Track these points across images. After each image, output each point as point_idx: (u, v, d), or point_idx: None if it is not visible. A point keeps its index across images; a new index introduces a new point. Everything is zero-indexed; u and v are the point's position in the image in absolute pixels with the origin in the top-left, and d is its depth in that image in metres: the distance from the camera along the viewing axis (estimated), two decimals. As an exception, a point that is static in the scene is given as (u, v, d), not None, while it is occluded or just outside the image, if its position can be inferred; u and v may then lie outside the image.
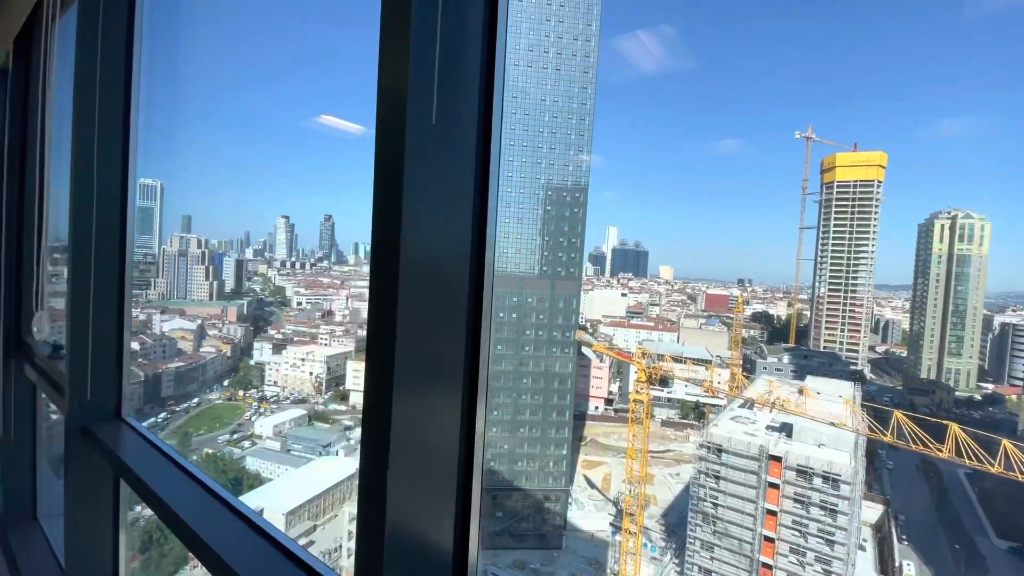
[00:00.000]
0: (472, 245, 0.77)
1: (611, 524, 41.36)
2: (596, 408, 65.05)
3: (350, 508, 40.55)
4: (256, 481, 49.71)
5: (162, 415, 48.61)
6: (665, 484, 44.36)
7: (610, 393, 66.83)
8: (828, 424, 25.85)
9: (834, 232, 78.45)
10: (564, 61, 41.65)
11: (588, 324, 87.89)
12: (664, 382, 44.93)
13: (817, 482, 23.99)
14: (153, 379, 46.47)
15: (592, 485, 48.23)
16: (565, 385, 43.02)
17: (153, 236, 62.81)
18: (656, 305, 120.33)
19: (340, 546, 39.83)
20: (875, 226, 75.61)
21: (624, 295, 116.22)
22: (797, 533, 24.71)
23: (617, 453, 55.51)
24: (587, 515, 42.88)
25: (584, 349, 64.19)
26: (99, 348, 1.69)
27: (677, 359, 45.34)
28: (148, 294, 60.37)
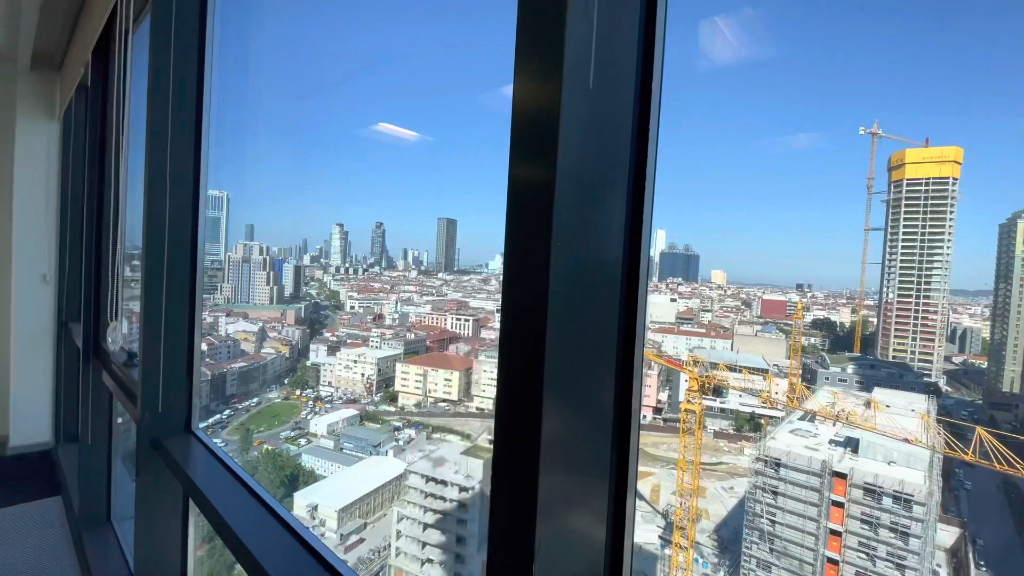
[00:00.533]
0: (625, 242, 0.66)
1: (660, 537, 40.19)
2: (644, 417, 63.49)
3: (398, 508, 41.43)
4: (311, 478, 51.75)
5: (226, 412, 51.54)
6: (718, 498, 42.69)
7: (659, 402, 65.04)
8: (902, 440, 24.07)
9: (904, 234, 73.18)
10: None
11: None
12: (718, 392, 43.16)
13: (887, 502, 22.37)
14: (219, 378, 49.42)
15: (640, 496, 47.06)
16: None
17: (220, 244, 66.99)
18: (708, 311, 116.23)
19: (388, 544, 40.70)
20: (950, 227, 69.94)
21: (673, 300, 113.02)
22: (864, 556, 23.10)
23: (666, 464, 53.89)
24: (635, 526, 41.87)
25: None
26: (171, 361, 1.73)
27: (732, 367, 43.68)
28: (215, 298, 64.36)
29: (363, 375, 76.78)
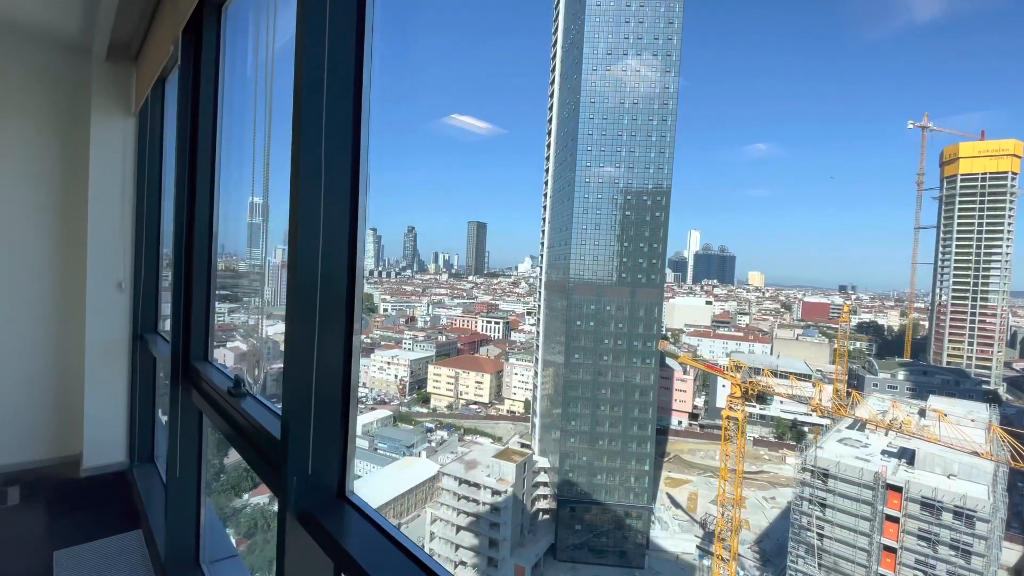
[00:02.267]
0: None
1: (698, 547, 39.02)
2: (679, 423, 62.05)
3: (431, 509, 41.63)
4: (346, 478, 52.67)
5: (266, 412, 52.88)
6: (759, 508, 41.18)
7: (695, 407, 63.44)
8: (971, 453, 22.56)
9: (958, 232, 69.22)
10: (644, 62, 40.51)
11: (669, 334, 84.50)
12: (761, 398, 41.62)
13: (947, 518, 21.01)
14: (260, 379, 50.81)
15: (676, 504, 45.80)
16: (647, 397, 41.37)
17: (260, 249, 69.30)
18: (745, 314, 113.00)
19: (423, 546, 40.91)
20: (1010, 224, 65.80)
21: (709, 303, 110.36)
22: (921, 574, 21.77)
23: (703, 471, 52.37)
24: (671, 535, 40.83)
25: (669, 360, 61.53)
26: (322, 413, 1.37)
27: (775, 373, 42.09)
28: (256, 301, 66.57)
29: (396, 376, 77.89)
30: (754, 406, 41.91)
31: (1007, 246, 65.83)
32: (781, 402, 46.98)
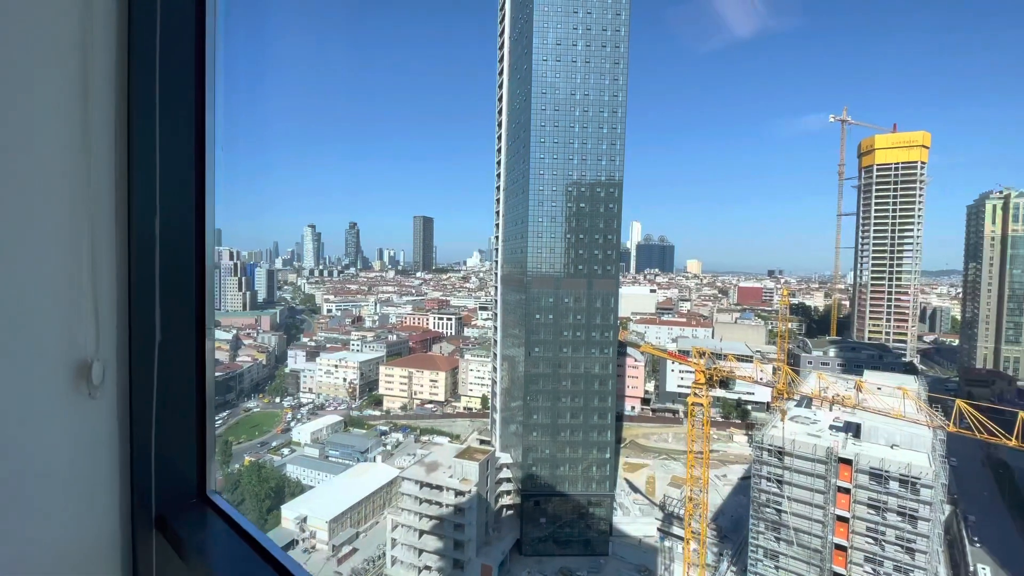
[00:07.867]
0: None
1: (659, 530, 39.99)
2: (632, 408, 63.58)
3: (392, 515, 40.18)
4: (297, 488, 49.95)
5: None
6: (712, 486, 42.79)
7: (646, 392, 65.22)
8: (938, 427, 24.02)
9: (875, 218, 75.14)
10: (593, 53, 40.52)
11: (619, 323, 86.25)
12: (724, 383, 43.16)
13: (893, 486, 22.41)
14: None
15: (635, 489, 46.84)
16: (606, 386, 41.88)
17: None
18: (686, 300, 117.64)
19: (384, 553, 39.56)
20: (920, 210, 72.06)
21: (653, 291, 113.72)
22: (872, 541, 23.16)
23: (659, 455, 53.93)
24: (633, 520, 41.65)
25: (630, 349, 62.76)
26: (174, 402, 1.35)
27: (718, 355, 43.71)
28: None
29: (345, 380, 74.79)
30: (716, 390, 43.38)
31: (918, 230, 72.05)
32: (732, 383, 48.90)
